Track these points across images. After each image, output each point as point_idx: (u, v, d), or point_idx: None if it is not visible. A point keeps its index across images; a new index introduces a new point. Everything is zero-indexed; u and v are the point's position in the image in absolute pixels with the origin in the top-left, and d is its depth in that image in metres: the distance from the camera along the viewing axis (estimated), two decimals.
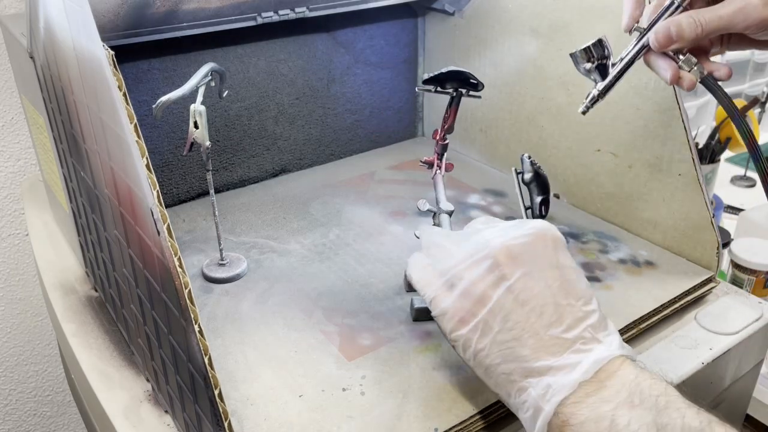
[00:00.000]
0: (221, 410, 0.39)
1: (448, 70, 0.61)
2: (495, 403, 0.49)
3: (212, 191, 0.64)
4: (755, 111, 1.30)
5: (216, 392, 0.39)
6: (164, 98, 0.56)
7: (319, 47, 0.86)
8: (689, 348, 0.59)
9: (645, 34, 0.49)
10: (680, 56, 0.48)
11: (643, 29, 0.49)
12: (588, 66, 0.51)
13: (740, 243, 0.99)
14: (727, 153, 1.24)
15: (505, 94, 0.83)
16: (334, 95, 0.90)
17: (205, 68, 0.59)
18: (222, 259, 0.67)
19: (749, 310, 0.64)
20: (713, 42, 0.51)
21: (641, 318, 0.59)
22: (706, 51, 0.51)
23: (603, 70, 0.51)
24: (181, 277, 0.37)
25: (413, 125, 1.01)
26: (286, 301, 0.62)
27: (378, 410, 0.49)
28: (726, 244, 1.00)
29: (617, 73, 0.51)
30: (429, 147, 0.98)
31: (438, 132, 0.65)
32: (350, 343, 0.56)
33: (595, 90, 0.51)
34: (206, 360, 0.38)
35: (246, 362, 0.54)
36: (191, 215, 0.79)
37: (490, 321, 0.43)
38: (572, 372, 0.40)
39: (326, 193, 0.83)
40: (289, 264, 0.68)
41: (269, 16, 0.74)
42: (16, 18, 0.71)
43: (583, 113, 0.52)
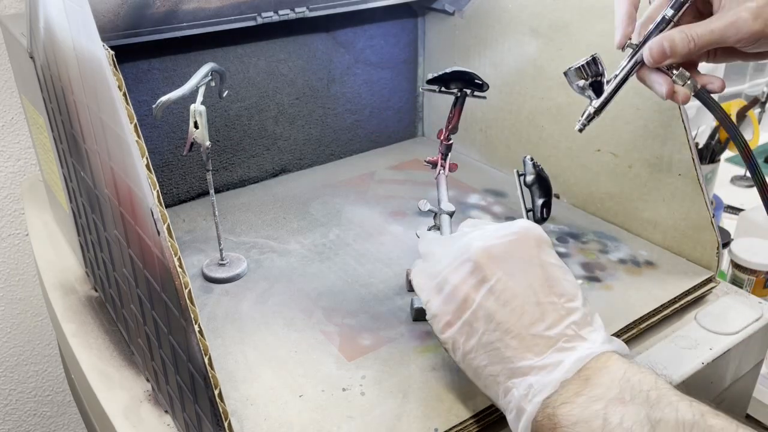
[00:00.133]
0: (221, 410, 0.39)
1: (453, 71, 0.60)
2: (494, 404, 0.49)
3: (212, 191, 0.64)
4: (755, 111, 1.30)
5: (216, 392, 0.39)
6: (164, 98, 0.56)
7: (319, 47, 0.86)
8: (689, 348, 0.59)
9: (638, 50, 0.49)
10: (673, 71, 0.49)
11: (636, 45, 0.49)
12: (582, 84, 0.51)
13: (740, 243, 0.99)
14: (727, 153, 1.24)
15: (505, 94, 0.83)
16: (334, 95, 0.90)
17: (205, 68, 0.59)
18: (222, 259, 0.67)
19: (749, 310, 0.64)
20: (702, 55, 0.51)
21: (641, 318, 0.59)
22: (695, 64, 0.51)
23: (597, 88, 0.51)
24: (181, 277, 0.37)
25: (413, 125, 1.01)
26: (286, 301, 0.62)
27: (378, 410, 0.49)
28: (726, 244, 1.00)
29: (612, 90, 0.51)
30: (429, 147, 0.98)
31: (442, 132, 0.65)
32: (350, 343, 0.56)
33: (591, 107, 0.51)
34: (206, 360, 0.38)
35: (246, 362, 0.54)
36: (191, 215, 0.79)
37: (474, 323, 0.43)
38: (554, 371, 0.40)
39: (326, 193, 0.83)
40: (289, 264, 0.68)
41: (269, 16, 0.74)
42: (16, 18, 0.71)
43: (580, 131, 0.52)
